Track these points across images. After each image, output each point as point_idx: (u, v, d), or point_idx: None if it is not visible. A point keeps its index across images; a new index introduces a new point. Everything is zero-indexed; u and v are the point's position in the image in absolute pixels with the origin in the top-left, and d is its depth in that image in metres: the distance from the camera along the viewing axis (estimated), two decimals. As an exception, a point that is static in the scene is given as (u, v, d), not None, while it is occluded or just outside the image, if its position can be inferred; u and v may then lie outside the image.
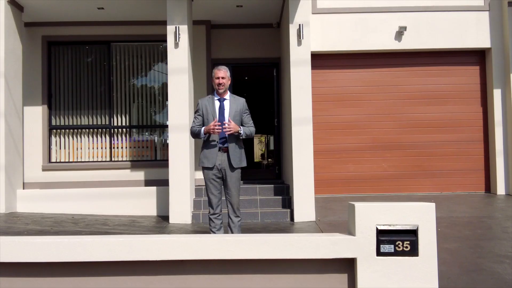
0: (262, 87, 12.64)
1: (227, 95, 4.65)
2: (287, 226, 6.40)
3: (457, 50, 8.04)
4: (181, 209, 6.73)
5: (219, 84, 4.53)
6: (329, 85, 8.10)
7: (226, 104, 4.60)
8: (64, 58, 8.82)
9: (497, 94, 7.83)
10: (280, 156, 8.83)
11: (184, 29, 6.87)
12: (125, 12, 8.12)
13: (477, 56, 8.10)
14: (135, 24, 8.55)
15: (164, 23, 7.08)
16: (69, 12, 8.13)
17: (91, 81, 8.79)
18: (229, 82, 4.63)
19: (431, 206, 2.88)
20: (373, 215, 2.82)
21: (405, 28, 7.79)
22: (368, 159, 8.02)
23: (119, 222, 6.63)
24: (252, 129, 4.63)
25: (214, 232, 4.50)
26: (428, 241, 2.84)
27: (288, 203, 7.09)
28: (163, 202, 7.42)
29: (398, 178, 7.98)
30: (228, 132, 4.40)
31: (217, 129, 4.36)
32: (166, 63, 8.02)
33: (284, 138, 8.22)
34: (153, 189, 7.61)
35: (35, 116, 8.50)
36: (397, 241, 2.80)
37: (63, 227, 6.11)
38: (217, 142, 4.51)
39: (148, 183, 8.37)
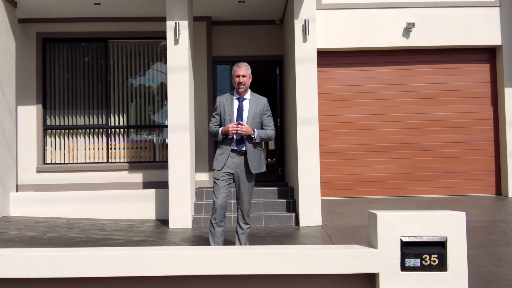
0: (264, 86, 12.35)
1: (248, 94, 4.34)
2: (292, 231, 6.12)
3: (466, 48, 7.78)
4: (181, 213, 6.45)
5: (240, 83, 4.23)
6: (334, 84, 7.83)
7: (246, 104, 4.30)
8: (60, 55, 8.52)
9: (508, 93, 7.56)
10: (284, 157, 8.56)
11: (184, 25, 6.59)
12: (123, 7, 7.83)
13: (488, 54, 7.85)
14: (133, 21, 8.26)
15: (163, 20, 6.81)
16: (64, 8, 7.84)
17: (88, 80, 8.50)
18: (250, 80, 4.33)
19: (461, 215, 2.61)
20: (397, 225, 2.57)
21: (413, 24, 7.53)
22: (375, 161, 7.76)
23: (116, 227, 6.34)
24: (271, 132, 4.32)
25: (214, 240, 4.16)
26: (458, 254, 2.59)
27: (292, 206, 6.81)
28: (162, 205, 7.14)
29: (405, 180, 7.72)
30: (240, 134, 4.10)
31: (240, 131, 4.07)
32: (165, 61, 7.74)
33: (288, 139, 7.95)
34: (151, 191, 7.32)
35: (29, 116, 8.20)
36: (424, 255, 2.57)
37: (57, 232, 5.82)
38: (232, 144, 4.21)
39: (146, 185, 8.09)
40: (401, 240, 2.58)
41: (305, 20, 6.46)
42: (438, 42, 7.66)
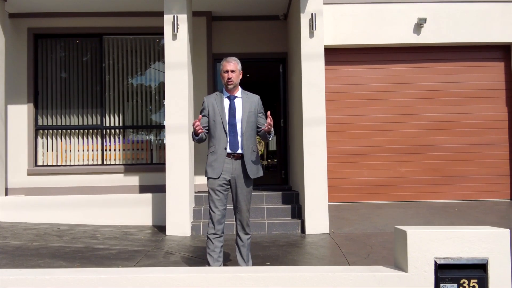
0: (267, 85, 11.96)
1: (238, 92, 3.93)
2: (298, 239, 5.72)
3: (480, 45, 7.39)
4: (180, 220, 6.05)
5: (229, 79, 3.81)
6: (341, 83, 7.44)
7: (238, 102, 3.88)
8: (52, 52, 8.12)
9: (524, 93, 7.20)
10: (287, 159, 8.16)
11: (183, 19, 6.19)
12: (118, 1, 7.43)
13: (502, 51, 7.45)
14: (129, 15, 7.85)
15: (161, 15, 6.42)
16: (57, 2, 7.44)
17: (82, 77, 8.09)
18: (240, 77, 3.92)
19: (505, 233, 2.23)
20: (430, 245, 2.19)
21: (424, 20, 7.14)
22: (384, 163, 7.36)
23: (110, 235, 5.93)
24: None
25: (212, 257, 3.75)
26: (501, 279, 2.22)
27: (298, 212, 6.42)
28: (159, 210, 6.74)
29: (416, 184, 7.33)
30: (270, 129, 3.68)
31: (197, 128, 3.67)
32: (164, 59, 7.36)
33: (292, 140, 7.55)
34: (148, 196, 6.92)
35: (20, 115, 7.79)
36: (462, 279, 2.21)
37: (45, 241, 5.41)
38: (226, 147, 3.81)
39: (143, 189, 7.69)
40: (435, 262, 2.28)
41: (312, 14, 6.07)
42: (451, 39, 7.27)
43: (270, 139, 3.85)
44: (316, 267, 2.49)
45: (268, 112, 3.72)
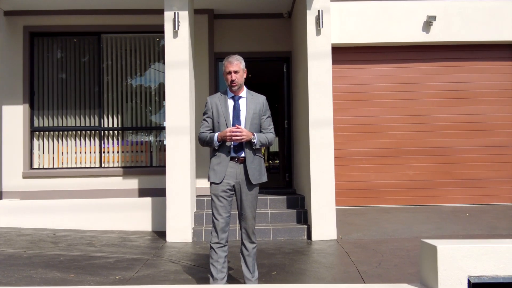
0: (270, 85, 11.74)
1: (243, 92, 3.68)
2: (304, 246, 5.48)
3: (492, 44, 7.15)
4: (180, 225, 5.81)
5: (232, 81, 3.57)
6: (348, 83, 7.20)
7: (242, 103, 3.64)
8: (49, 51, 7.87)
9: (537, 93, 6.95)
10: (291, 161, 7.91)
11: (184, 16, 5.95)
12: (117, -1, 7.21)
13: (514, 50, 7.24)
14: (128, 13, 7.61)
15: (161, 12, 6.17)
16: (54, 0, 7.19)
17: (79, 77, 7.84)
18: (244, 76, 3.68)
19: (548, 248, 1.99)
20: (463, 261, 1.94)
21: (434, 18, 6.91)
22: (392, 166, 7.12)
23: (108, 241, 5.68)
24: (271, 135, 3.67)
25: (215, 267, 3.50)
26: (544, 300, 1.97)
27: (304, 217, 6.17)
28: (159, 215, 6.50)
29: (425, 187, 7.08)
30: (239, 141, 3.47)
31: (235, 137, 3.43)
32: (164, 59, 7.11)
33: (297, 142, 7.30)
34: (148, 200, 6.68)
35: (15, 116, 7.54)
36: None
37: (39, 248, 5.15)
38: (230, 150, 3.57)
39: (142, 192, 7.44)
40: (468, 280, 2.06)
41: (318, 11, 5.83)
42: (461, 37, 7.04)
43: (256, 146, 3.56)
44: (336, 285, 2.21)
45: (237, 126, 3.47)
